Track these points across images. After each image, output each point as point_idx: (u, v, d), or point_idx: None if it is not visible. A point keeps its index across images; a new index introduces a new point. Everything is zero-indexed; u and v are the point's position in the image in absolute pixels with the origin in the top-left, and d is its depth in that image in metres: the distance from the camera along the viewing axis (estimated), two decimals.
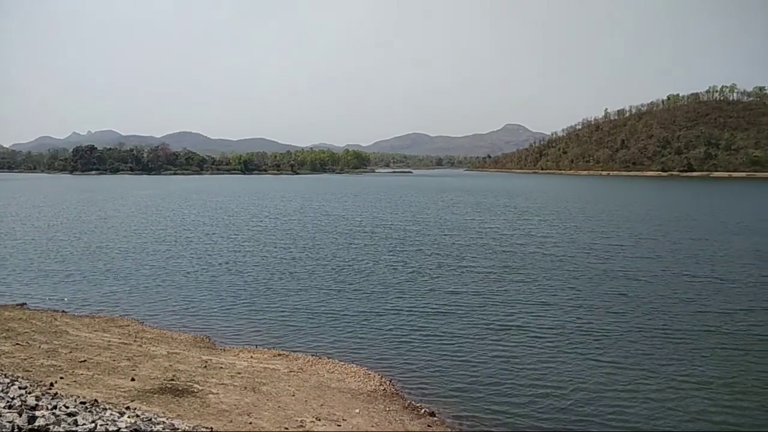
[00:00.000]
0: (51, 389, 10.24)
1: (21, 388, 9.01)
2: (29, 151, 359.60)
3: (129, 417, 8.22)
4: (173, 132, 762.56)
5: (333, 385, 13.03)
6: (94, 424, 7.19)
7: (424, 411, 11.97)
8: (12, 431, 6.31)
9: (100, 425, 7.26)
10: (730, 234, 40.36)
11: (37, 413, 7.04)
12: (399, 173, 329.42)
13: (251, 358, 14.85)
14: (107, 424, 7.38)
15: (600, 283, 24.26)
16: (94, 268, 28.09)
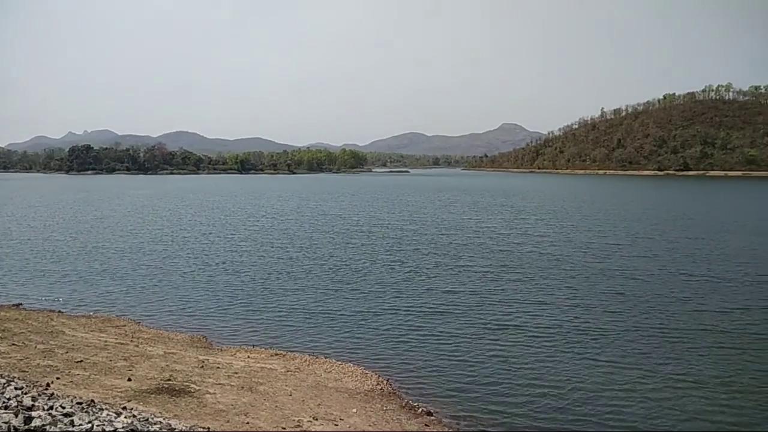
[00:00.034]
0: (47, 390, 10.20)
1: (17, 389, 8.97)
2: (25, 151, 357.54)
3: (126, 417, 8.19)
4: (170, 131, 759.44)
5: (330, 385, 13.01)
6: (90, 425, 7.17)
7: (421, 410, 11.98)
8: None
9: (97, 425, 7.23)
10: (727, 233, 40.48)
11: (34, 414, 7.01)
12: (396, 173, 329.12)
13: (248, 357, 14.83)
14: (104, 425, 7.36)
15: (597, 282, 24.31)
16: (90, 268, 28.01)
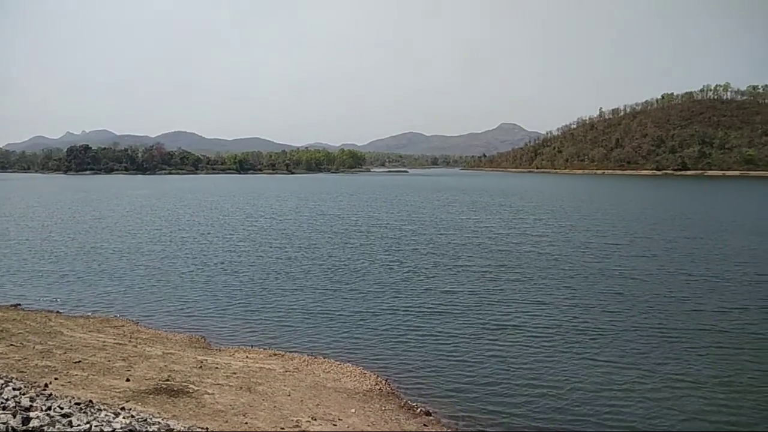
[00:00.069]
0: (45, 390, 10.17)
1: (15, 389, 8.94)
2: (23, 151, 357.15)
3: (124, 418, 8.18)
4: (168, 131, 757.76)
5: (329, 385, 13.01)
6: (89, 425, 7.15)
7: (420, 410, 11.97)
8: None
9: (95, 426, 7.21)
10: (725, 233, 40.54)
11: (32, 414, 7.00)
12: (394, 173, 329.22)
13: (247, 358, 14.81)
14: (102, 425, 7.34)
15: (595, 282, 24.33)
16: (88, 268, 27.96)
